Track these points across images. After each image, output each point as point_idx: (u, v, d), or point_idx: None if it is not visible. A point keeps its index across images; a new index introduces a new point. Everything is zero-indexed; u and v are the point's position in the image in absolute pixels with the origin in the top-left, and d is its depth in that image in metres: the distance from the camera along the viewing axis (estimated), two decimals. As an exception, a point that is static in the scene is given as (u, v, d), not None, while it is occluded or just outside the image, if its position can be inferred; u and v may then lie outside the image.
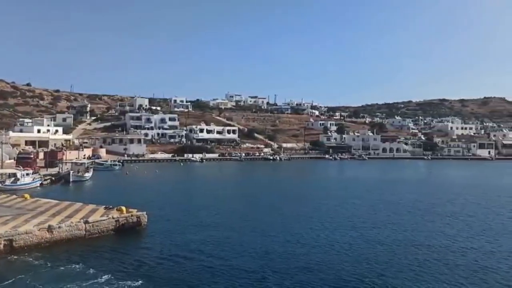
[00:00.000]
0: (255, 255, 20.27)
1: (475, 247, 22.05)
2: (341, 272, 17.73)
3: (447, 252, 21.01)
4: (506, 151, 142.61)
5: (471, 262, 19.21)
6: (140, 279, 16.69)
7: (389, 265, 18.72)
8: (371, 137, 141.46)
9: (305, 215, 31.31)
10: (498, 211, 33.81)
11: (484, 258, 20.01)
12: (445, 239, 23.75)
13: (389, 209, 34.22)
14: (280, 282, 16.45)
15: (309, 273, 17.58)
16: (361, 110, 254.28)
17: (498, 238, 24.35)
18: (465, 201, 39.26)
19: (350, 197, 42.01)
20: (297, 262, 19.04)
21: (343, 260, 19.42)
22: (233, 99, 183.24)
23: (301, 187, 53.26)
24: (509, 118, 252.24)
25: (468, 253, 20.78)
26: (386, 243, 22.90)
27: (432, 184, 57.78)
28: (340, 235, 24.84)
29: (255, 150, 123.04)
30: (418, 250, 21.29)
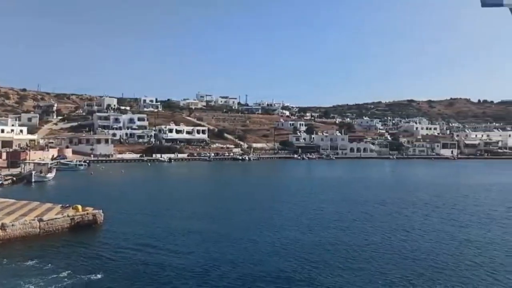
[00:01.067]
0: (205, 252, 21.08)
1: (382, 244, 23.44)
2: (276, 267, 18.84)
3: (354, 248, 22.25)
4: (468, 150, 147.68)
5: (367, 256, 20.45)
6: (99, 272, 17.44)
7: (310, 259, 19.96)
8: (339, 137, 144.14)
9: (259, 216, 32.33)
10: (436, 209, 35.62)
11: (391, 251, 21.35)
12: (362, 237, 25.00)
13: (337, 206, 35.63)
14: (224, 276, 17.39)
15: (252, 267, 18.59)
16: (332, 110, 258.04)
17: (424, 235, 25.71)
18: (409, 199, 41.05)
19: (302, 196, 43.37)
20: (242, 258, 20.02)
21: (284, 257, 20.52)
22: (204, 99, 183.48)
23: (262, 187, 54.31)
24: (474, 119, 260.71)
25: (369, 249, 21.98)
26: (311, 240, 24.17)
27: (387, 183, 59.75)
28: (283, 234, 25.97)
29: (224, 150, 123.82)
30: (339, 248, 22.56)
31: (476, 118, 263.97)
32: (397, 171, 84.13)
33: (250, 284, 16.17)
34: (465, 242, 22.98)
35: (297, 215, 31.16)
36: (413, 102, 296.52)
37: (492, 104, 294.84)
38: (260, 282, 16.41)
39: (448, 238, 23.88)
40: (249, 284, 16.23)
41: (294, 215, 31.22)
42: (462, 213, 32.62)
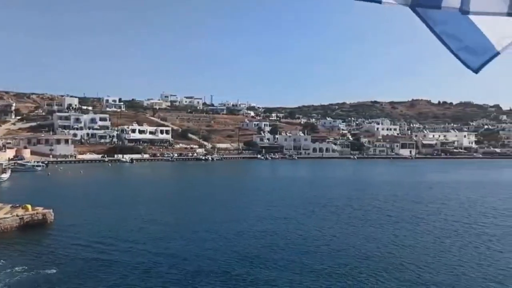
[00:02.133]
0: (156, 249, 21.93)
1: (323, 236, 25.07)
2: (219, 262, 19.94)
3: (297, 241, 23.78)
4: (425, 150, 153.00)
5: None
6: (52, 267, 18.22)
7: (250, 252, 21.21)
8: (302, 138, 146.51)
9: (214, 215, 33.36)
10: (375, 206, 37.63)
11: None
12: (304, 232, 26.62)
13: (287, 205, 37.09)
14: (169, 271, 18.34)
15: (197, 262, 19.62)
16: (298, 111, 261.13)
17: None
18: (351, 198, 43.02)
19: (256, 195, 44.66)
20: (190, 254, 21.04)
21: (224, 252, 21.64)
22: (168, 99, 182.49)
23: (219, 187, 55.27)
24: (434, 120, 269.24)
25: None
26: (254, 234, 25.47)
27: (338, 181, 61.84)
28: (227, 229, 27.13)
29: (188, 151, 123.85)
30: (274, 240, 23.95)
31: (436, 119, 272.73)
32: (349, 171, 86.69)
33: (192, 279, 17.11)
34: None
35: (248, 214, 32.34)
36: (377, 103, 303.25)
37: (452, 106, 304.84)
38: (202, 276, 17.39)
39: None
40: (192, 278, 17.17)
41: (247, 214, 32.38)
42: (383, 209, 34.69)
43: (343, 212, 33.16)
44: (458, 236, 24.69)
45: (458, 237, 24.41)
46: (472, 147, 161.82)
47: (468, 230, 26.32)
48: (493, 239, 23.79)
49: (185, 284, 16.43)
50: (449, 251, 21.26)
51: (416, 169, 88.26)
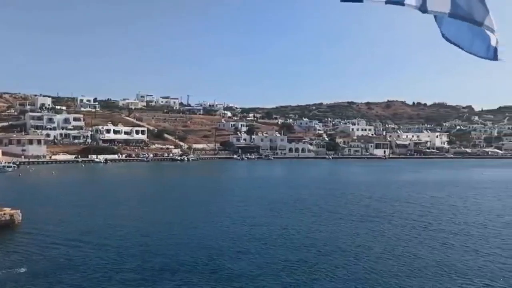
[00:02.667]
0: (123, 247, 22.28)
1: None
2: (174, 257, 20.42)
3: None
4: (399, 150, 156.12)
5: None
6: (22, 266, 18.46)
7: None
8: (278, 138, 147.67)
9: (184, 213, 33.76)
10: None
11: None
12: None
13: (255, 204, 37.77)
14: (132, 271, 18.73)
15: (166, 259, 20.06)
16: (275, 111, 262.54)
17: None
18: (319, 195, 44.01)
19: (224, 195, 45.21)
20: (157, 251, 21.46)
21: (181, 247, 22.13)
22: (145, 99, 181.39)
23: (192, 187, 55.55)
24: (408, 120, 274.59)
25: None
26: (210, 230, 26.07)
27: (309, 181, 62.89)
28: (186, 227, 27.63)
29: (164, 151, 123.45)
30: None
31: (411, 119, 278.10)
32: (321, 171, 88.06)
33: (159, 276, 17.53)
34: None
35: (220, 214, 32.87)
36: (353, 104, 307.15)
37: (426, 107, 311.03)
38: (169, 274, 17.79)
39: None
40: (159, 275, 17.60)
41: (219, 214, 32.90)
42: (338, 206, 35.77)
43: (311, 210, 33.96)
44: (413, 232, 25.70)
45: (413, 233, 25.42)
46: (444, 147, 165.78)
47: (425, 227, 27.39)
48: (448, 236, 24.86)
49: (151, 282, 16.81)
50: (402, 246, 22.19)
51: (387, 169, 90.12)
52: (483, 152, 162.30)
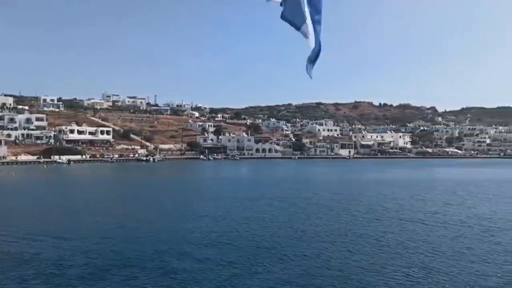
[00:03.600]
0: (66, 247, 22.64)
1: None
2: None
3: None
4: (363, 150, 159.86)
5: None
6: None
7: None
8: (245, 138, 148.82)
9: (140, 216, 34.30)
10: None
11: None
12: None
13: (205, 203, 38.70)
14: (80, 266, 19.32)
15: (107, 257, 20.68)
16: (244, 112, 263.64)
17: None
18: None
19: (179, 194, 45.94)
20: (100, 249, 22.04)
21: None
22: (110, 99, 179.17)
23: (151, 187, 55.99)
24: (375, 121, 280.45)
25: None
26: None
27: (268, 180, 64.27)
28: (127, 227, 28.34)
29: (130, 151, 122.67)
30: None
31: (377, 120, 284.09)
32: (285, 170, 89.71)
33: (103, 272, 18.11)
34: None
35: (176, 214, 33.59)
36: (321, 105, 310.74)
37: (392, 108, 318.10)
38: (116, 268, 18.44)
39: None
40: (102, 272, 18.17)
41: (175, 214, 33.62)
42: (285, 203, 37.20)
43: (263, 208, 35.11)
44: (355, 227, 27.13)
45: (355, 228, 26.84)
46: (407, 147, 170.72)
47: (368, 222, 28.90)
48: (386, 233, 26.38)
49: (97, 280, 17.44)
50: (339, 242, 23.53)
51: (347, 169, 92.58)
52: (444, 152, 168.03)
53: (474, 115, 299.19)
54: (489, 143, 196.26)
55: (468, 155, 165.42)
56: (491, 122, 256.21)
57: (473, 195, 45.21)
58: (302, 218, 31.10)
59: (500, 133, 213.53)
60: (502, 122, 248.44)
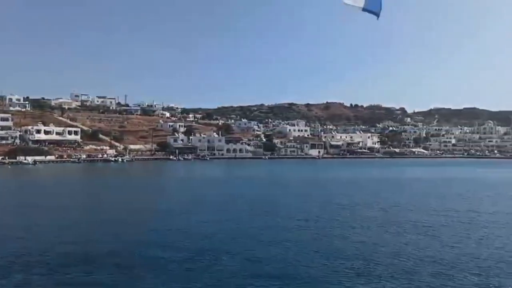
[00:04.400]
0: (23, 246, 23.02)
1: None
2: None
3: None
4: (333, 151, 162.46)
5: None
6: None
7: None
8: (216, 139, 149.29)
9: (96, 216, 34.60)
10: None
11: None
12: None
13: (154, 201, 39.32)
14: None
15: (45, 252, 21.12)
16: (217, 112, 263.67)
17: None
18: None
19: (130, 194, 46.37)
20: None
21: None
22: (79, 98, 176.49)
23: (110, 188, 56.08)
24: (346, 121, 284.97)
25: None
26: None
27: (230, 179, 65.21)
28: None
29: (98, 152, 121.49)
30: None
31: (348, 120, 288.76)
32: (252, 170, 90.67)
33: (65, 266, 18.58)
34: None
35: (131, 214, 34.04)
36: (294, 105, 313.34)
37: (363, 108, 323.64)
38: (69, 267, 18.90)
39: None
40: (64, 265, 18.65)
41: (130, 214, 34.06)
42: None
43: (219, 207, 35.95)
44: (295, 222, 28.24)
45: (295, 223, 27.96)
46: (375, 147, 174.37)
47: (315, 219, 30.04)
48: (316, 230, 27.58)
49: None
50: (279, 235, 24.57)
51: (312, 168, 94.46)
52: (410, 152, 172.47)
53: (442, 116, 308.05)
54: (454, 143, 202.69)
55: (433, 155, 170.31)
56: (458, 123, 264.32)
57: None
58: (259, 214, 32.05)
59: (465, 133, 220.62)
60: (468, 123, 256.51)
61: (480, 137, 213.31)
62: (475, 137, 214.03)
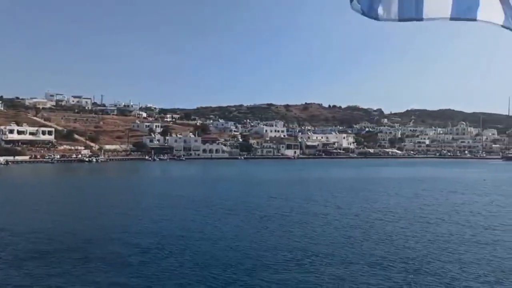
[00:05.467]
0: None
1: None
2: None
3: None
4: (308, 151, 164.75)
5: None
6: None
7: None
8: (192, 139, 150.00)
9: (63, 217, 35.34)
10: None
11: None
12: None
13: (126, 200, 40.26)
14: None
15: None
16: (196, 112, 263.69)
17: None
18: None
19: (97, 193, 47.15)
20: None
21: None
22: (54, 98, 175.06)
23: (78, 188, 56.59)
24: (325, 122, 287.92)
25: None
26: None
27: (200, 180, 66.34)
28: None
29: (73, 152, 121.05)
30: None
31: (327, 121, 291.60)
32: (226, 170, 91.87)
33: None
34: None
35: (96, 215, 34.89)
36: (272, 106, 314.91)
37: (341, 109, 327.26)
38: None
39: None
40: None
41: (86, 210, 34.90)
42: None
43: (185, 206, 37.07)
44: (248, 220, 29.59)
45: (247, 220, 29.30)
46: (350, 147, 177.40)
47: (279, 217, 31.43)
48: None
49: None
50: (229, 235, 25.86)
51: (283, 168, 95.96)
52: (384, 153, 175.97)
53: (418, 117, 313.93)
54: (428, 144, 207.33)
55: (407, 155, 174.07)
56: (433, 124, 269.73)
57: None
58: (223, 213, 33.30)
59: (439, 134, 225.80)
60: (442, 123, 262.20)
61: (453, 138, 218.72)
62: (449, 138, 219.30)
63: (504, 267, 17.78)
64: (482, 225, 27.69)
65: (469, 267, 17.86)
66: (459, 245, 21.99)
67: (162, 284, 16.52)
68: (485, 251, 20.53)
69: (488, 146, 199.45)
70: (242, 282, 16.62)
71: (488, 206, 36.37)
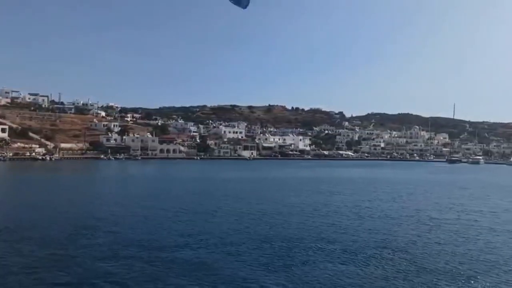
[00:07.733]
0: None
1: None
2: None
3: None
4: (265, 152, 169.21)
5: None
6: None
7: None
8: (149, 139, 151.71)
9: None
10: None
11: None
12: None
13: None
14: None
15: None
16: (158, 112, 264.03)
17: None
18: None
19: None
20: None
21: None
22: (9, 95, 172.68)
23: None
24: (287, 124, 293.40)
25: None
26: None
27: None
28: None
29: (27, 150, 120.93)
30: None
31: (289, 123, 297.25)
32: (176, 170, 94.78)
33: None
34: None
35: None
36: (236, 107, 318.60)
37: (303, 112, 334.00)
38: None
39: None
40: None
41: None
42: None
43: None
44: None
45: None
46: (306, 149, 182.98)
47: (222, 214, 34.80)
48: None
49: None
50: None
51: (232, 168, 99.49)
52: (338, 155, 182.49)
53: (378, 120, 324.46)
54: (383, 146, 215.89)
55: (359, 158, 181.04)
56: (392, 128, 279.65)
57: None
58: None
59: (393, 138, 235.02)
60: (399, 127, 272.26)
61: (407, 141, 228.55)
62: (403, 141, 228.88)
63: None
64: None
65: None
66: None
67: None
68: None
69: (439, 149, 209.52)
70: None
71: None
